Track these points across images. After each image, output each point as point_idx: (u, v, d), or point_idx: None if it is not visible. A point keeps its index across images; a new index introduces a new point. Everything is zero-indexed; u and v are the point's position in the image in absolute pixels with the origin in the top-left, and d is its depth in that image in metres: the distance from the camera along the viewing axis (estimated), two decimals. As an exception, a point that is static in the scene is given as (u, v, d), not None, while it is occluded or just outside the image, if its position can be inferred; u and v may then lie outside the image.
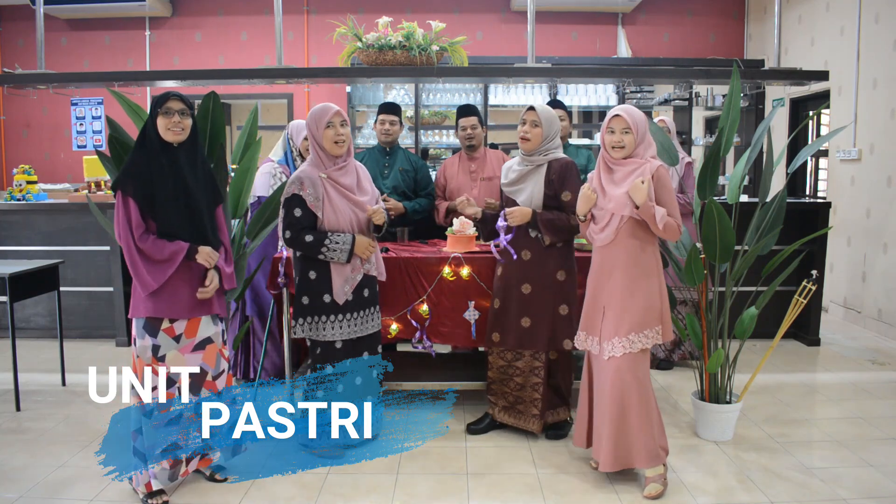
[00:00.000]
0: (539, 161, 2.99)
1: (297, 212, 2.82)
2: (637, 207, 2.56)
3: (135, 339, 2.50)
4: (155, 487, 2.53)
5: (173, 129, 2.46)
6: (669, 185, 2.64)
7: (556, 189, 2.97)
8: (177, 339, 2.51)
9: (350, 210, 2.88)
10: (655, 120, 4.23)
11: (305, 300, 2.91)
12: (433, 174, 4.28)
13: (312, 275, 2.89)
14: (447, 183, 4.00)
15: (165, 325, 2.49)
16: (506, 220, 3.00)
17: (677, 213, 2.64)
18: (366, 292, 2.97)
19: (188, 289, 2.52)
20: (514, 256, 3.02)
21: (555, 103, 3.89)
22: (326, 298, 2.88)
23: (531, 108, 2.97)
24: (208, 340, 2.59)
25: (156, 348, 2.48)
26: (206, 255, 2.51)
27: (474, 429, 3.23)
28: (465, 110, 3.92)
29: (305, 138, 3.69)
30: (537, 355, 3.05)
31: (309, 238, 2.80)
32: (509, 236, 3.03)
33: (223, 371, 2.66)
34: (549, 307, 3.01)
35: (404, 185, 3.99)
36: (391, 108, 3.99)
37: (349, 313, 2.91)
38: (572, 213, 2.92)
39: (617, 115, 2.62)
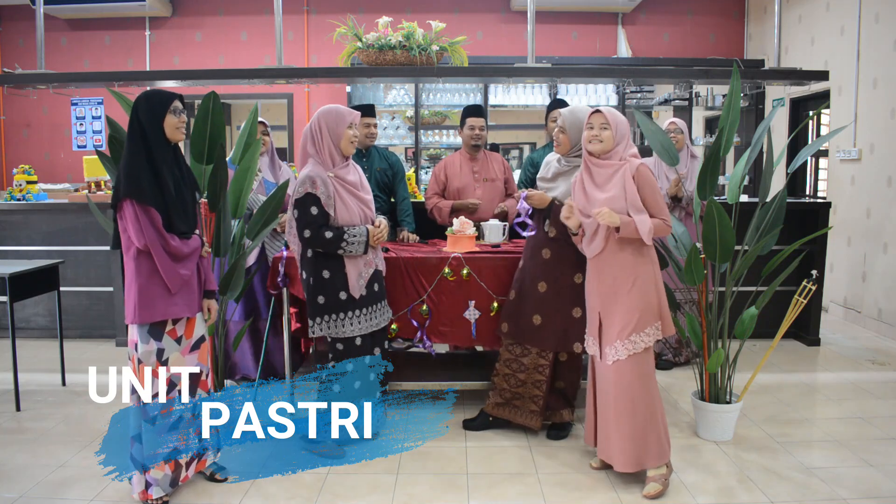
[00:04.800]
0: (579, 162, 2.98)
1: (314, 210, 2.83)
2: (618, 230, 2.56)
3: (135, 345, 2.45)
4: (155, 496, 2.49)
5: (181, 129, 2.50)
6: (653, 183, 2.63)
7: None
8: (178, 340, 2.53)
9: (358, 206, 2.94)
10: (668, 122, 4.23)
11: (321, 299, 2.92)
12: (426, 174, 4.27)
13: (326, 274, 2.91)
14: (448, 181, 3.99)
15: (168, 327, 2.49)
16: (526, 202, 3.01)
17: (664, 210, 2.63)
18: (375, 286, 3.02)
19: (197, 283, 2.60)
20: (535, 230, 3.03)
21: (558, 103, 3.88)
22: (342, 295, 2.91)
23: (557, 110, 3.05)
24: (202, 339, 2.63)
25: (160, 352, 2.47)
26: (206, 247, 2.68)
27: (470, 425, 3.25)
28: (475, 110, 3.95)
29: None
30: (544, 354, 3.05)
31: (329, 234, 2.84)
32: (527, 217, 3.04)
33: (208, 370, 2.69)
34: (563, 308, 3.00)
35: (382, 183, 3.99)
36: (370, 111, 3.92)
37: (365, 308, 2.96)
38: None
39: (597, 112, 2.65)
